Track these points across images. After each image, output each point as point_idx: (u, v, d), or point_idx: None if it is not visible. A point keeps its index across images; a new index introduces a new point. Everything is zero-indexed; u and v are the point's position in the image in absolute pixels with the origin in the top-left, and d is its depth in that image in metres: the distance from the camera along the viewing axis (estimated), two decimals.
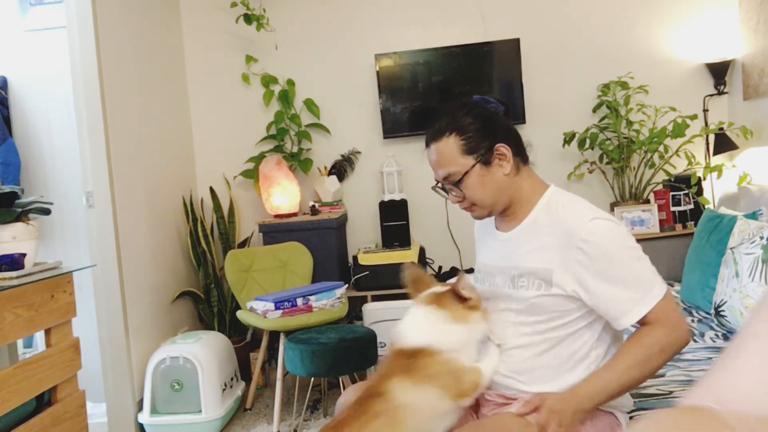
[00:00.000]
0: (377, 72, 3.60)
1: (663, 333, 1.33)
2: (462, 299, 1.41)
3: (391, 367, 1.36)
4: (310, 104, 3.70)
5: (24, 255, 2.02)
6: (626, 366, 1.33)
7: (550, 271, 1.39)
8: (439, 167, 1.46)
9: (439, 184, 1.50)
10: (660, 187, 3.32)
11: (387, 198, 3.54)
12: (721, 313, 2.28)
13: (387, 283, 3.32)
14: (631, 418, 1.63)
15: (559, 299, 1.39)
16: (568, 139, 3.46)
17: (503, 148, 1.44)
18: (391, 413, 1.30)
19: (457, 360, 1.36)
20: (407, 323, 1.42)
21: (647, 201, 3.36)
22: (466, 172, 1.43)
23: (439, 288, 1.46)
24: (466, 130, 1.43)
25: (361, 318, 3.35)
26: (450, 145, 1.43)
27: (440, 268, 3.60)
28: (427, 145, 1.49)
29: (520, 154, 1.50)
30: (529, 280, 1.43)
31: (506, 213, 1.50)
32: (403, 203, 3.50)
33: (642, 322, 1.35)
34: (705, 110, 3.53)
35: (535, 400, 1.34)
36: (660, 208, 3.21)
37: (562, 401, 1.33)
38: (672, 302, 1.36)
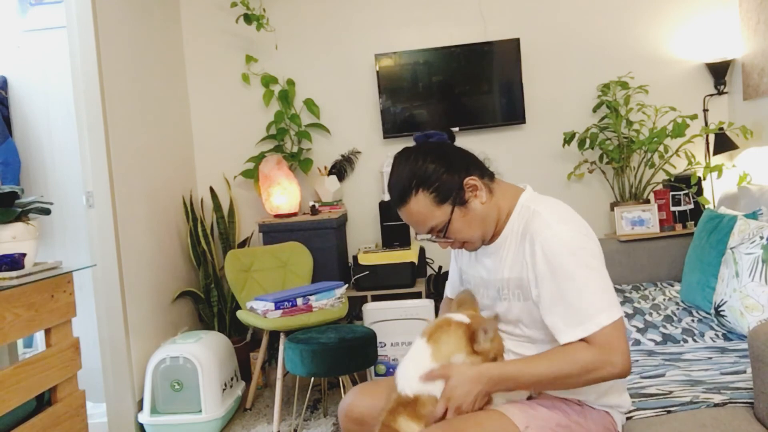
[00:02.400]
0: (377, 72, 3.61)
1: (593, 356, 1.27)
2: (472, 340, 1.35)
3: (396, 408, 1.34)
4: (310, 104, 3.70)
5: (24, 255, 2.02)
6: (544, 371, 1.30)
7: (523, 279, 1.39)
8: (418, 225, 1.42)
9: (429, 236, 1.46)
10: (660, 187, 3.32)
11: (387, 198, 3.54)
12: (721, 313, 2.28)
13: (387, 283, 3.33)
14: (629, 418, 1.63)
15: (532, 313, 1.39)
16: (568, 139, 3.46)
17: (472, 181, 1.39)
18: None
19: None
20: (408, 365, 1.37)
21: (647, 201, 3.36)
22: (449, 221, 1.39)
23: (457, 315, 1.40)
24: (431, 180, 1.37)
25: (361, 318, 3.35)
26: (421, 202, 1.38)
27: (440, 267, 3.60)
28: (397, 208, 1.42)
29: (486, 174, 1.45)
30: (510, 291, 1.42)
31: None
32: None
33: (583, 340, 1.30)
34: (705, 110, 3.53)
35: (440, 372, 1.33)
36: (660, 208, 3.21)
37: (466, 380, 1.31)
38: (618, 331, 1.29)
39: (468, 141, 3.68)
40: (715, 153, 3.33)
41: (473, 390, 1.31)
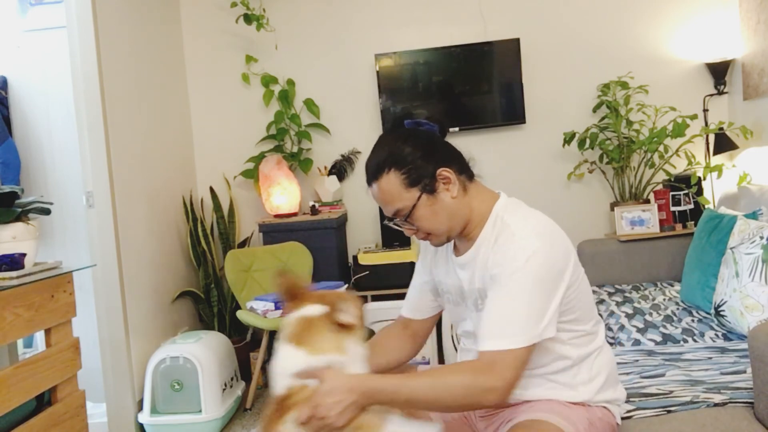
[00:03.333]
0: (377, 72, 3.60)
1: (481, 380, 1.22)
2: (341, 325, 1.28)
3: (272, 415, 1.25)
4: (310, 104, 3.70)
5: (24, 255, 2.02)
6: (428, 386, 1.24)
7: (486, 289, 1.37)
8: (385, 205, 1.41)
9: (393, 220, 1.44)
10: (660, 187, 3.32)
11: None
12: (721, 313, 2.28)
13: (387, 283, 3.32)
14: (630, 418, 1.63)
15: None
16: (568, 139, 3.46)
17: (446, 172, 1.38)
18: None
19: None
20: (277, 368, 1.30)
21: (647, 201, 3.36)
22: (414, 206, 1.37)
23: (310, 309, 1.31)
24: (404, 161, 1.36)
25: None
26: (391, 181, 1.37)
27: None
28: (369, 183, 1.42)
29: (465, 172, 1.43)
30: (483, 302, 1.39)
31: (463, 234, 1.44)
32: None
33: (480, 356, 1.27)
34: (705, 110, 3.53)
35: (317, 372, 1.24)
36: (660, 208, 3.21)
37: (338, 389, 1.21)
38: (519, 362, 1.24)
39: (468, 141, 3.68)
40: (715, 153, 3.33)
41: (344, 400, 1.20)
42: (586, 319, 1.43)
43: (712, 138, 3.38)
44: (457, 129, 3.59)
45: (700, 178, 3.15)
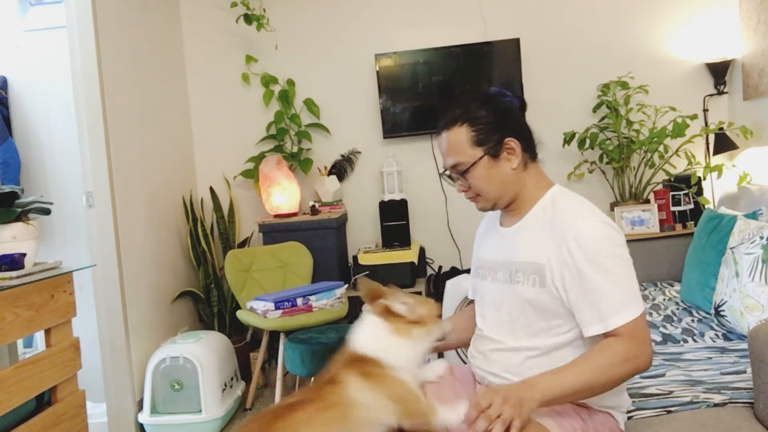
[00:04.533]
0: (377, 72, 3.61)
1: (629, 345, 1.30)
2: (398, 316, 1.40)
3: (348, 365, 1.36)
4: (310, 104, 3.70)
5: (24, 255, 2.02)
6: (586, 368, 1.30)
7: (543, 266, 1.39)
8: (448, 155, 1.47)
9: (447, 172, 1.51)
10: (660, 187, 3.32)
11: (387, 198, 3.54)
12: (721, 313, 2.28)
13: (387, 283, 3.32)
14: (630, 418, 1.63)
15: (551, 300, 1.38)
16: (568, 139, 3.46)
17: (513, 143, 1.45)
18: (344, 407, 1.29)
19: (416, 388, 1.36)
20: (360, 332, 1.42)
21: (647, 201, 3.36)
22: (474, 163, 1.44)
23: (392, 300, 1.45)
24: (479, 121, 1.44)
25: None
26: (461, 134, 1.44)
27: (440, 267, 3.60)
28: (439, 132, 1.49)
29: (530, 150, 1.50)
30: (525, 275, 1.42)
31: (510, 208, 1.50)
32: (403, 203, 3.51)
33: (609, 334, 1.32)
34: (705, 110, 3.53)
35: (489, 396, 1.26)
36: (660, 208, 3.21)
37: (517, 390, 1.27)
38: (644, 324, 1.34)
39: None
40: (715, 153, 3.33)
41: (528, 406, 1.26)
42: None
43: (712, 138, 3.38)
44: None
45: (700, 178, 3.15)
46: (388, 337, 1.37)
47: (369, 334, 1.40)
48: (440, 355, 3.06)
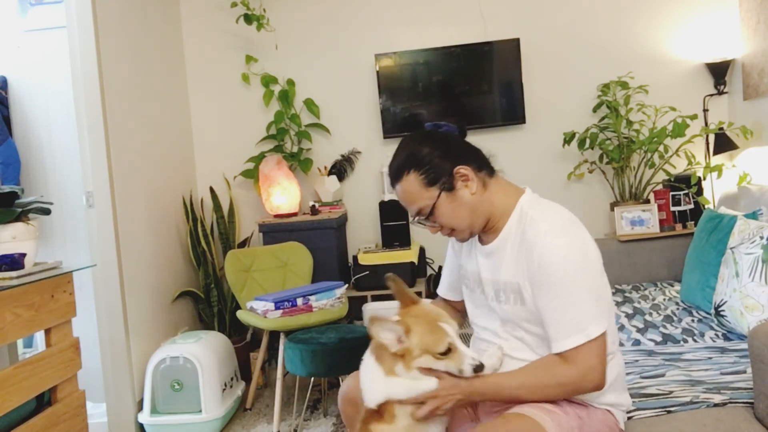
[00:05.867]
0: (377, 72, 3.61)
1: (570, 373, 1.33)
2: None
3: (367, 418, 1.41)
4: (310, 104, 3.70)
5: (24, 255, 2.02)
6: (524, 386, 1.36)
7: (520, 285, 1.40)
8: (408, 204, 1.47)
9: (416, 219, 1.50)
10: (660, 187, 3.32)
11: (387, 198, 3.54)
12: (721, 313, 2.28)
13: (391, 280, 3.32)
14: (630, 418, 1.63)
15: (534, 316, 1.40)
16: (568, 139, 3.46)
17: (463, 170, 1.43)
18: None
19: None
20: (363, 383, 1.44)
21: (647, 201, 3.36)
22: (435, 204, 1.43)
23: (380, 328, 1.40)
24: (423, 162, 1.43)
25: (361, 318, 3.35)
26: (411, 182, 1.44)
27: (440, 267, 3.60)
28: (392, 185, 1.50)
29: (485, 168, 1.49)
30: (506, 294, 1.45)
31: (486, 228, 1.49)
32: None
33: (561, 355, 1.34)
34: (705, 110, 3.53)
35: (437, 375, 1.37)
36: (660, 208, 3.21)
37: (455, 389, 1.36)
38: (599, 347, 1.33)
39: (468, 141, 3.68)
40: (715, 153, 3.33)
41: (456, 395, 1.36)
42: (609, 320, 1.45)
43: (712, 138, 3.38)
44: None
45: (700, 178, 3.15)
46: (389, 383, 1.38)
47: (368, 382, 1.42)
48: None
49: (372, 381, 1.41)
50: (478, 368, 1.36)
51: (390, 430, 1.37)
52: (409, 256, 3.36)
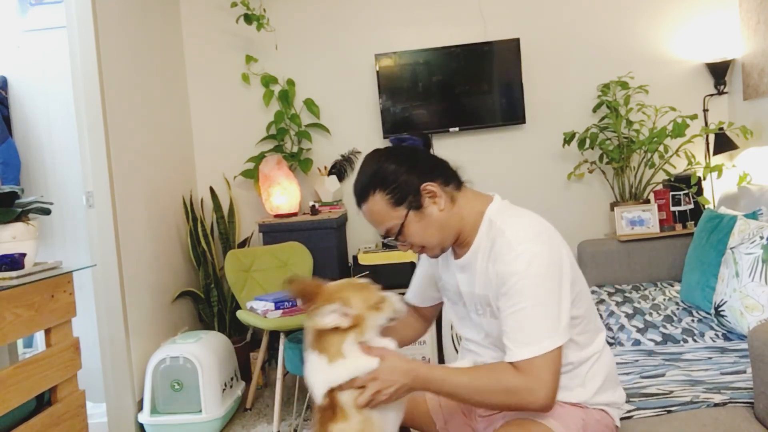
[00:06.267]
0: (377, 72, 3.60)
1: (518, 382, 1.27)
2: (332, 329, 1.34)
3: (321, 422, 1.36)
4: (310, 104, 3.70)
5: (24, 255, 2.02)
6: (470, 383, 1.31)
7: (489, 298, 1.39)
8: (376, 225, 1.43)
9: (386, 239, 1.47)
10: (660, 187, 3.32)
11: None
12: (721, 313, 2.28)
13: (387, 283, 3.30)
14: (630, 418, 1.63)
15: None
16: (568, 139, 3.46)
17: (430, 186, 1.38)
18: None
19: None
20: (310, 379, 1.37)
21: (647, 201, 3.36)
22: (403, 223, 1.39)
23: (319, 316, 1.35)
24: (388, 181, 1.38)
25: None
26: (378, 202, 1.39)
27: None
28: (358, 205, 1.44)
29: (452, 182, 1.44)
30: (483, 307, 1.43)
31: (457, 242, 1.47)
32: None
33: (514, 364, 1.29)
34: (705, 110, 3.53)
35: (378, 351, 1.35)
36: (660, 208, 3.21)
37: (397, 369, 1.33)
38: (553, 361, 1.28)
39: (468, 141, 3.68)
40: (715, 153, 3.33)
41: (399, 380, 1.32)
42: (588, 319, 1.44)
43: (712, 138, 3.38)
44: (457, 129, 3.59)
45: (700, 178, 3.15)
46: (332, 369, 1.33)
47: (316, 377, 1.36)
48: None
49: (316, 373, 1.35)
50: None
51: (346, 428, 1.32)
52: (409, 256, 3.36)
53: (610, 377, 1.47)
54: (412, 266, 3.35)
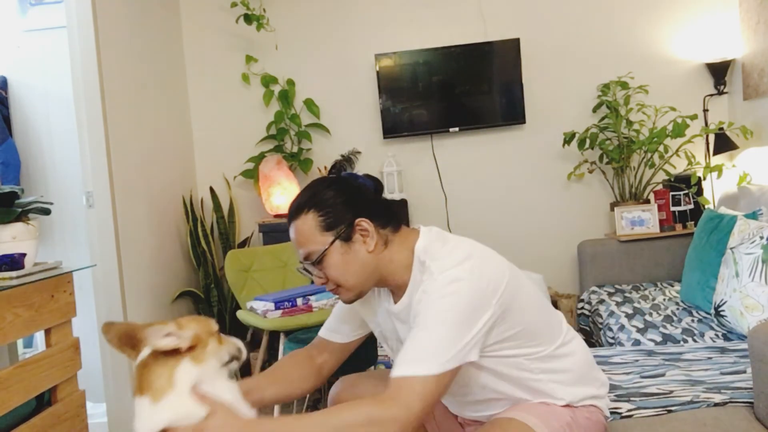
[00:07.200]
0: (377, 72, 3.60)
1: (382, 411, 1.16)
2: (170, 352, 1.18)
3: None
4: (310, 104, 3.70)
5: (24, 255, 2.01)
6: (325, 422, 1.18)
7: None
8: (298, 246, 1.35)
9: (301, 265, 1.38)
10: (660, 187, 3.32)
11: (387, 198, 3.53)
12: (721, 313, 2.28)
13: None
14: (630, 417, 1.63)
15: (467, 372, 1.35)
16: (568, 139, 3.46)
17: (365, 223, 1.33)
18: None
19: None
20: (135, 425, 1.18)
21: (647, 201, 3.37)
22: (326, 250, 1.32)
23: (153, 337, 1.19)
24: (326, 204, 1.33)
25: None
26: (308, 222, 1.33)
27: None
28: (288, 223, 1.37)
29: (390, 225, 1.38)
30: None
31: (389, 287, 1.40)
32: (403, 203, 3.50)
33: (389, 383, 1.20)
34: (705, 110, 3.53)
35: (211, 403, 1.20)
36: (660, 208, 3.21)
37: (234, 426, 1.18)
38: (423, 389, 1.17)
39: (468, 141, 3.69)
40: (715, 153, 3.33)
41: None
42: (535, 332, 1.37)
43: (712, 138, 3.38)
44: (457, 129, 3.59)
45: (700, 178, 3.15)
46: (155, 411, 1.15)
47: (137, 426, 1.17)
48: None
49: (138, 421, 1.17)
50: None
51: None
52: None
53: (584, 372, 1.45)
54: None
